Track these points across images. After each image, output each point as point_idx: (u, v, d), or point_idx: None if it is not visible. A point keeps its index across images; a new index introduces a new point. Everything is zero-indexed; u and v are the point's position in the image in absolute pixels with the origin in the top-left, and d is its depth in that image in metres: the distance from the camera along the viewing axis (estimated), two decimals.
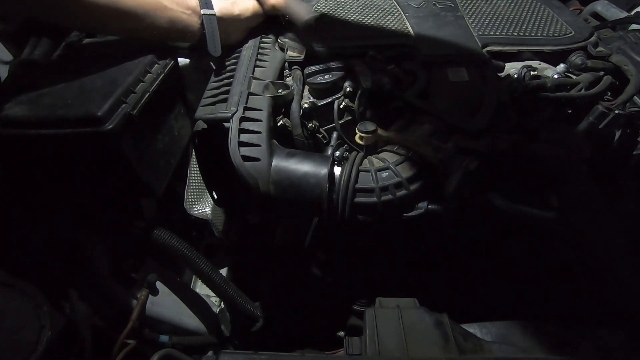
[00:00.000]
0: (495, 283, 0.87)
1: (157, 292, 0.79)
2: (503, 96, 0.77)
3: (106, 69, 0.72)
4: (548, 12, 0.96)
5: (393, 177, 0.69)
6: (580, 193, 0.68)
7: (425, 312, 0.62)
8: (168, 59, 0.80)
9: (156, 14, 0.75)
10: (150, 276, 0.77)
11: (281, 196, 0.70)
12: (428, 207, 0.70)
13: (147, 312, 0.77)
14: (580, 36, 0.87)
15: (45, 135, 0.62)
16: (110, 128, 0.62)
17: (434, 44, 0.86)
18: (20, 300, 0.66)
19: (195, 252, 0.78)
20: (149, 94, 0.71)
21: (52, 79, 0.70)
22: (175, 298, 0.83)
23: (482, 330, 0.63)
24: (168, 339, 0.80)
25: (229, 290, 0.81)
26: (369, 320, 0.60)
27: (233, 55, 0.87)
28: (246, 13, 0.87)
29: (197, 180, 0.88)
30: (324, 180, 0.67)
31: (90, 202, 0.74)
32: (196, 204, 0.88)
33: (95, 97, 0.65)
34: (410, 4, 0.98)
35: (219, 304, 0.91)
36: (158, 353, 0.64)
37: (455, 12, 0.95)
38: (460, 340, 0.58)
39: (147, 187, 0.72)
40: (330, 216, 0.70)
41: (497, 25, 0.91)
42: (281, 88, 0.81)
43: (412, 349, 0.56)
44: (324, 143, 0.83)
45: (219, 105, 0.74)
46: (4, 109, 0.64)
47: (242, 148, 0.69)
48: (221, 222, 0.92)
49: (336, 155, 0.71)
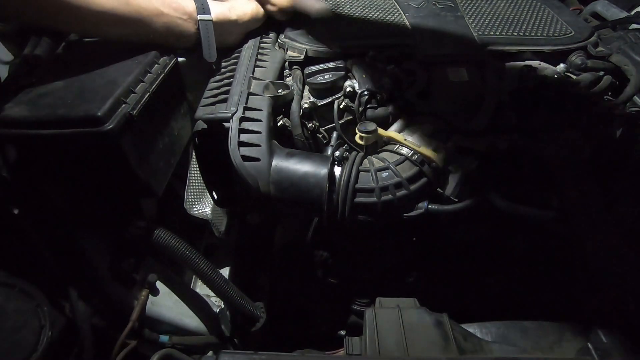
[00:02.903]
0: (495, 283, 0.87)
1: (157, 292, 0.79)
2: (503, 96, 0.77)
3: (106, 69, 0.72)
4: (548, 12, 0.96)
5: (393, 177, 0.69)
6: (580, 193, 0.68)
7: (425, 312, 0.62)
8: (168, 58, 0.80)
9: (152, 20, 0.74)
10: (150, 276, 0.77)
11: (281, 196, 0.70)
12: (428, 207, 0.70)
13: (147, 312, 0.77)
14: (580, 36, 0.87)
15: (45, 135, 0.62)
16: (110, 128, 0.62)
17: (434, 44, 0.86)
18: (20, 300, 0.66)
19: (195, 252, 0.78)
20: (149, 94, 0.71)
21: (52, 79, 0.70)
22: (176, 298, 0.83)
23: (482, 330, 0.63)
24: (168, 339, 0.80)
25: (229, 290, 0.81)
26: (369, 320, 0.60)
27: (233, 55, 0.87)
28: (244, 18, 0.87)
29: (197, 180, 0.88)
30: (324, 181, 0.67)
31: (90, 202, 0.74)
32: (196, 204, 0.88)
33: (95, 97, 0.65)
34: (410, 4, 0.98)
35: (219, 304, 0.91)
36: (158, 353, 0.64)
37: (455, 12, 0.95)
38: (460, 340, 0.58)
39: (147, 187, 0.72)
40: (330, 216, 0.70)
41: (497, 25, 0.91)
42: (281, 88, 0.81)
43: (412, 349, 0.56)
44: (324, 143, 0.83)
45: (219, 105, 0.74)
46: (4, 109, 0.64)
47: (242, 148, 0.69)
48: (221, 222, 0.92)
49: (336, 155, 0.71)
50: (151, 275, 0.77)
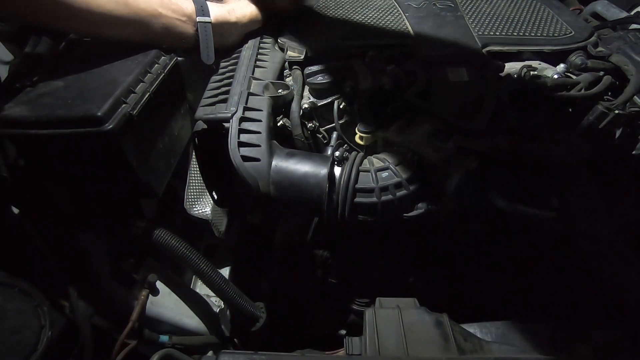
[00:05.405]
0: (496, 283, 0.87)
1: (157, 292, 0.79)
2: (503, 96, 0.77)
3: (106, 69, 0.72)
4: (548, 12, 0.96)
5: (393, 177, 0.69)
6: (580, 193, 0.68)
7: (425, 312, 0.62)
8: (168, 58, 0.80)
9: (151, 21, 0.74)
10: (150, 276, 0.77)
11: (281, 196, 0.70)
12: (428, 207, 0.70)
13: (147, 312, 0.77)
14: (580, 36, 0.87)
15: (45, 135, 0.62)
16: (110, 128, 0.62)
17: (434, 44, 0.86)
18: (20, 300, 0.66)
19: (195, 252, 0.78)
20: (149, 94, 0.71)
21: (52, 78, 0.70)
22: (176, 298, 0.83)
23: (482, 330, 0.63)
24: (168, 339, 0.80)
25: (229, 290, 0.81)
26: (369, 320, 0.60)
27: (233, 56, 0.87)
28: (243, 20, 0.87)
29: (197, 180, 0.88)
30: (323, 181, 0.67)
31: (90, 202, 0.74)
32: (196, 204, 0.88)
33: (95, 97, 0.65)
34: (410, 4, 0.98)
35: (219, 304, 0.90)
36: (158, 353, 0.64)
37: (455, 12, 0.95)
38: (460, 340, 0.58)
39: (147, 187, 0.72)
40: (330, 216, 0.70)
41: (497, 25, 0.91)
42: (281, 88, 0.81)
43: (412, 349, 0.56)
44: (324, 143, 0.83)
45: (219, 106, 0.74)
46: (4, 109, 0.64)
47: (242, 148, 0.69)
48: (221, 222, 0.92)
49: (336, 155, 0.71)
50: (151, 275, 0.77)
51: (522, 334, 0.62)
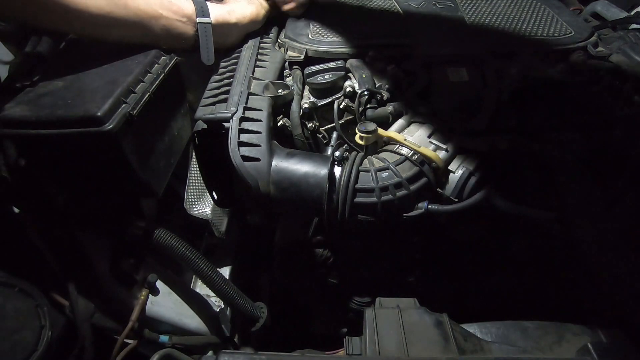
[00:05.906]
0: (495, 283, 0.87)
1: (157, 292, 0.79)
2: (503, 96, 0.77)
3: (106, 69, 0.72)
4: (548, 12, 0.96)
5: (393, 177, 0.69)
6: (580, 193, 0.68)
7: (425, 312, 0.62)
8: (168, 58, 0.80)
9: (151, 22, 0.74)
10: (150, 276, 0.77)
11: (281, 196, 0.70)
12: (428, 207, 0.70)
13: (147, 312, 0.77)
14: (580, 36, 0.87)
15: (45, 135, 0.62)
16: (110, 128, 0.62)
17: (434, 44, 0.86)
18: (20, 300, 0.66)
19: (195, 252, 0.78)
20: (149, 94, 0.71)
21: (52, 78, 0.70)
22: (176, 298, 0.83)
23: (482, 330, 0.63)
24: (168, 339, 0.80)
25: (229, 290, 0.81)
26: (369, 320, 0.60)
27: (233, 55, 0.87)
28: (243, 21, 0.87)
29: (197, 180, 0.88)
30: (323, 181, 0.67)
31: (90, 202, 0.74)
32: (196, 204, 0.88)
33: (95, 97, 0.64)
34: (411, 4, 0.98)
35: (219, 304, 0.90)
36: (158, 353, 0.64)
37: (455, 12, 0.95)
38: (460, 340, 0.58)
39: (147, 187, 0.72)
40: (331, 216, 0.70)
41: (497, 25, 0.91)
42: (281, 88, 0.81)
43: (412, 349, 0.56)
44: (324, 143, 0.83)
45: (219, 105, 0.74)
46: (4, 109, 0.64)
47: (242, 148, 0.69)
48: (221, 222, 0.92)
49: (336, 155, 0.71)
50: (151, 275, 0.77)
51: (522, 334, 0.62)
